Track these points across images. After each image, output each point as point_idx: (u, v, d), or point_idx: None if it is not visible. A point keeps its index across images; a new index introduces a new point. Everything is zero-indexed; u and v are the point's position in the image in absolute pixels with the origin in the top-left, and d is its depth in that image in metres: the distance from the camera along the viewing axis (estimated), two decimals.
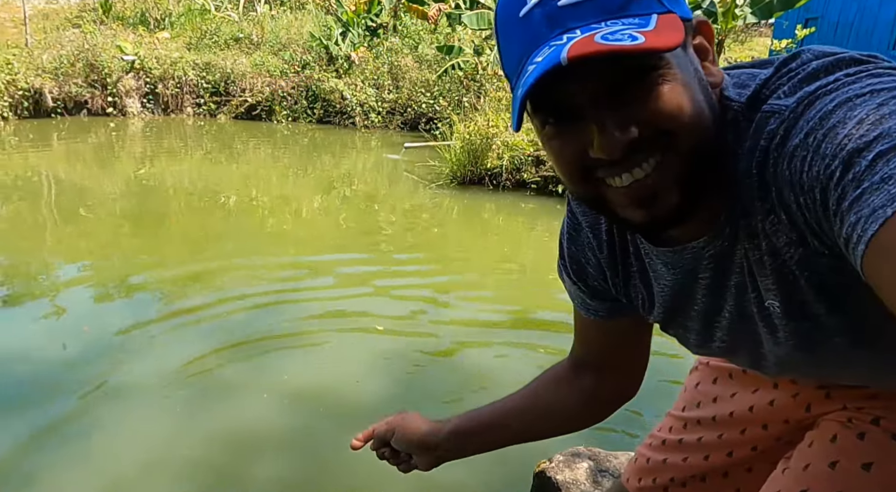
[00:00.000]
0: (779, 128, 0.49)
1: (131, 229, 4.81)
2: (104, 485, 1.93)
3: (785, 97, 0.50)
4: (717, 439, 0.94)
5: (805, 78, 0.50)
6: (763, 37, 16.85)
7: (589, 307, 0.79)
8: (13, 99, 8.47)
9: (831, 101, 0.46)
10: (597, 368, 0.86)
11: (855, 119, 0.44)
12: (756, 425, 0.91)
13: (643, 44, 0.44)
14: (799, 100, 0.48)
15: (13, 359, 2.66)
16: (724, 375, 0.96)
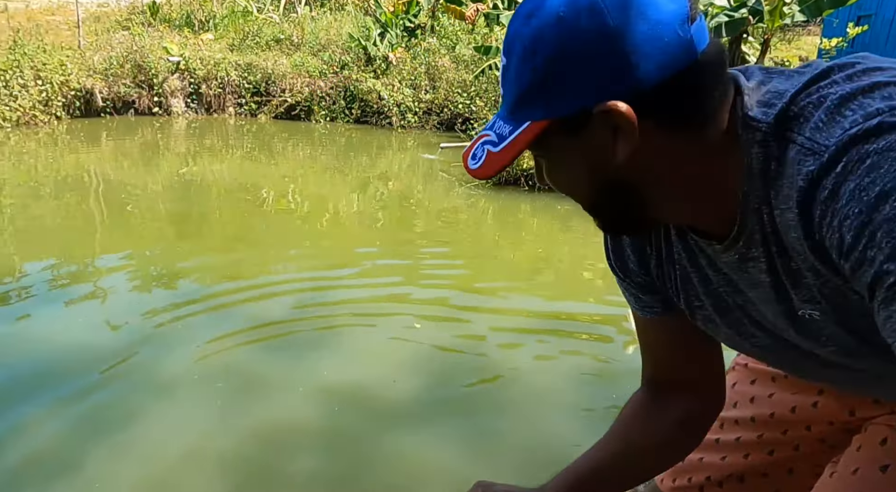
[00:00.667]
0: (822, 175, 0.50)
1: (174, 225, 4.95)
2: (142, 475, 1.99)
3: (820, 130, 0.51)
4: (756, 439, 0.93)
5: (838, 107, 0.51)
6: (812, 35, 16.30)
7: (644, 304, 0.78)
8: (66, 99, 8.81)
9: (884, 176, 0.46)
10: (672, 384, 0.82)
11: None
12: (799, 426, 0.89)
13: (473, 170, 0.60)
14: (838, 144, 0.49)
15: (57, 348, 2.76)
16: (765, 377, 0.94)
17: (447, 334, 3.03)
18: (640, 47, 0.52)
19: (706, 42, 0.55)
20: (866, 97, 0.50)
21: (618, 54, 0.52)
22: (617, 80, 0.53)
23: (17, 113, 8.12)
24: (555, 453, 2.16)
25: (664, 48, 0.52)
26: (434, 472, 2.04)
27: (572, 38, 0.53)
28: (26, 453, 2.07)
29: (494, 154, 0.58)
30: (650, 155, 0.56)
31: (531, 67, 0.55)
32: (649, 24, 0.52)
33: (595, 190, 0.61)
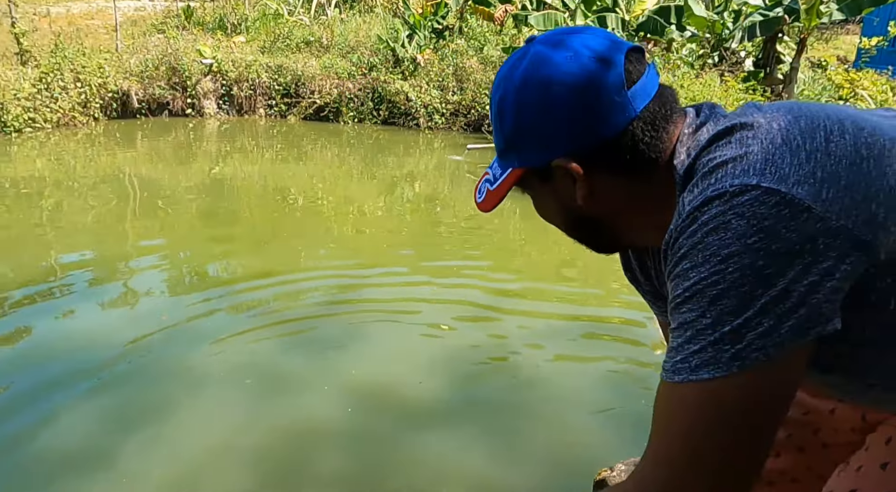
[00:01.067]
0: (680, 227, 0.60)
1: (205, 224, 5.05)
2: (173, 469, 2.03)
3: (690, 192, 0.60)
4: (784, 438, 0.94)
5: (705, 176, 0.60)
6: (851, 35, 15.84)
7: (661, 310, 0.86)
8: (104, 100, 9.05)
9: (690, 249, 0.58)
10: None
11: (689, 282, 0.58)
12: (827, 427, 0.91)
13: (478, 203, 0.75)
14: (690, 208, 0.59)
15: (93, 344, 2.84)
16: None
17: (473, 335, 3.02)
18: (583, 115, 0.64)
19: (648, 99, 0.65)
20: (731, 170, 0.57)
21: (564, 122, 0.64)
22: (566, 141, 0.65)
23: (58, 114, 8.37)
24: (580, 456, 2.14)
25: (603, 115, 0.63)
26: (457, 473, 2.04)
27: (526, 108, 0.66)
28: (58, 445, 2.13)
29: (491, 192, 0.73)
30: (606, 196, 0.68)
31: (501, 128, 0.70)
32: (589, 96, 0.63)
33: (568, 222, 0.74)
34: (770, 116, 0.61)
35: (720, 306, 0.54)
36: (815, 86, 10.48)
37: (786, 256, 0.53)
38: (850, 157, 0.56)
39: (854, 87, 8.26)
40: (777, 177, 0.55)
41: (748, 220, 0.54)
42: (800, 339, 0.54)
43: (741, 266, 0.54)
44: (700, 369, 0.55)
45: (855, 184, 0.55)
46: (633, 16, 9.67)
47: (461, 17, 11.22)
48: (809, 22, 8.86)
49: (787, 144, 0.57)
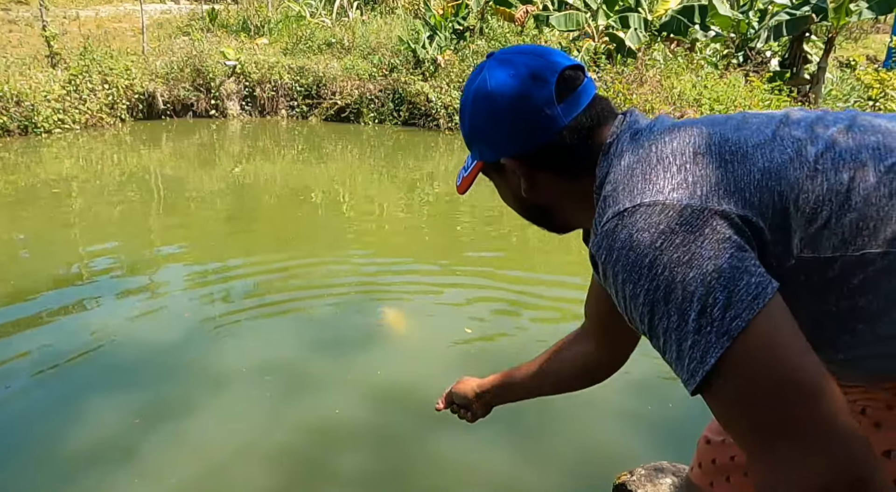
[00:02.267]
0: (593, 255, 0.71)
1: (228, 223, 5.11)
2: (198, 466, 2.06)
3: (600, 215, 0.72)
4: None
5: (605, 199, 0.71)
6: (881, 34, 15.50)
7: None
8: (130, 102, 9.22)
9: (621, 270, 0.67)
10: (593, 336, 1.08)
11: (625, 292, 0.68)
12: None
13: (457, 186, 0.90)
14: (599, 235, 0.70)
15: (118, 341, 2.89)
16: None
17: (495, 335, 3.02)
18: (520, 124, 0.77)
19: (578, 110, 0.77)
20: (621, 194, 0.69)
21: (505, 128, 0.78)
22: (509, 144, 0.79)
23: (86, 115, 8.55)
24: (600, 459, 2.12)
25: (536, 124, 0.76)
26: (480, 475, 2.04)
27: (475, 116, 0.81)
28: (81, 440, 2.18)
29: (464, 177, 0.87)
30: (546, 189, 0.81)
31: (462, 129, 0.85)
32: (524, 108, 0.76)
33: (521, 208, 0.87)
34: (655, 138, 0.73)
35: (673, 303, 0.62)
36: (843, 86, 10.26)
37: (692, 243, 0.62)
38: (716, 162, 0.68)
39: (884, 88, 8.07)
40: (655, 191, 0.66)
41: (647, 231, 0.64)
42: (759, 291, 0.60)
43: (663, 265, 0.63)
44: (705, 358, 0.61)
45: (723, 180, 0.66)
46: (655, 15, 9.57)
47: (482, 18, 11.21)
48: (838, 21, 8.69)
49: (659, 163, 0.69)
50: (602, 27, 9.47)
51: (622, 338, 1.04)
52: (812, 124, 0.72)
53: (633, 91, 8.10)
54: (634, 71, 8.55)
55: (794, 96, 8.80)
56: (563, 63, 0.78)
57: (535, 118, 0.76)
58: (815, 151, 0.68)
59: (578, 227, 0.89)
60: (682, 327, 0.62)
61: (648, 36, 9.19)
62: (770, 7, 10.14)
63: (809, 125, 0.72)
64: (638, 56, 8.86)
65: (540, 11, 10.22)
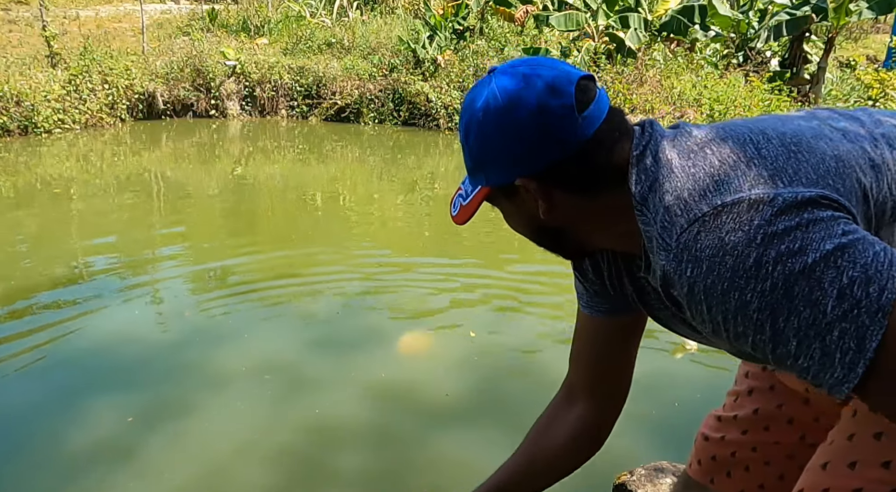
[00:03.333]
0: (671, 272, 0.64)
1: (228, 223, 5.11)
2: (198, 466, 2.06)
3: (666, 229, 0.64)
4: (775, 409, 0.98)
5: (671, 208, 0.64)
6: (881, 34, 15.50)
7: (593, 305, 0.92)
8: (130, 102, 9.22)
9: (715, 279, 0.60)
10: (586, 388, 0.97)
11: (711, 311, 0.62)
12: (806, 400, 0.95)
13: (453, 216, 0.80)
14: (677, 247, 0.63)
15: (118, 341, 2.89)
16: None
17: (497, 335, 3.02)
18: (539, 140, 0.69)
19: (598, 122, 0.70)
20: (689, 199, 0.63)
21: (522, 146, 0.70)
22: (526, 163, 0.71)
23: (86, 115, 8.55)
24: (599, 459, 2.11)
25: (557, 139, 0.69)
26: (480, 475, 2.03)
27: (487, 134, 0.72)
28: (83, 440, 2.18)
29: (463, 207, 0.78)
30: (566, 211, 0.74)
31: (468, 151, 0.76)
32: (543, 123, 0.69)
33: (535, 233, 0.80)
34: (701, 141, 0.68)
35: (800, 297, 0.56)
36: (843, 86, 10.26)
37: (796, 230, 0.57)
38: (784, 154, 0.63)
39: (884, 88, 8.07)
40: (732, 190, 0.61)
41: (740, 230, 0.58)
42: (892, 257, 0.56)
43: (772, 260, 0.56)
44: (863, 344, 0.54)
45: (801, 170, 0.62)
46: (655, 15, 9.57)
47: (482, 18, 11.21)
48: (838, 21, 8.69)
49: (724, 163, 0.64)
50: (602, 27, 9.47)
51: (621, 378, 0.97)
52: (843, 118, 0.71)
53: (633, 91, 8.10)
54: (634, 71, 8.55)
55: (794, 96, 8.80)
56: (578, 73, 0.72)
57: (557, 131, 0.69)
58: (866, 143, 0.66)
59: (594, 249, 0.83)
60: (819, 320, 0.55)
61: (648, 36, 9.19)
62: (770, 7, 10.14)
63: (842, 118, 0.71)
64: (638, 56, 8.87)
65: (540, 11, 10.22)
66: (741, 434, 1.02)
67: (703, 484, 1.07)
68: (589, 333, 0.95)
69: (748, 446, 1.01)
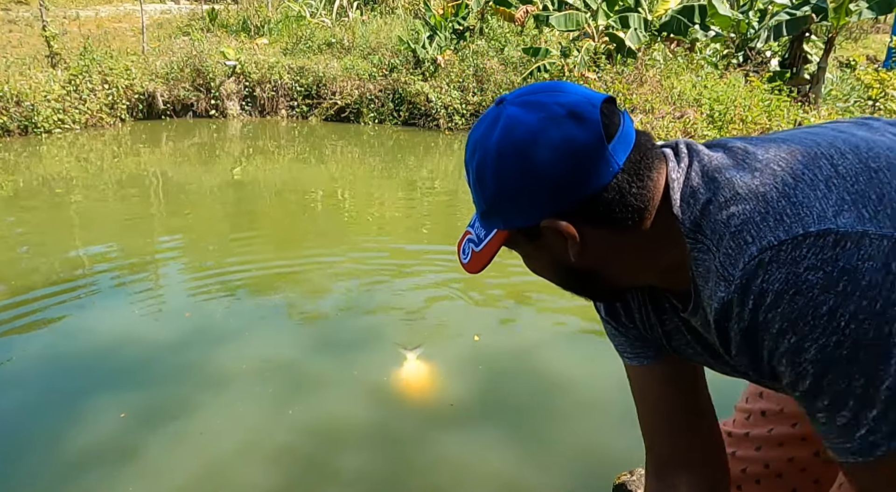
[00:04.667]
0: (731, 305, 0.58)
1: (228, 223, 5.11)
2: (198, 466, 2.06)
3: (730, 257, 0.58)
4: (790, 428, 0.95)
5: (740, 233, 0.58)
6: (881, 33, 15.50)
7: (637, 351, 0.83)
8: (130, 102, 9.22)
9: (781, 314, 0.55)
10: (682, 458, 0.83)
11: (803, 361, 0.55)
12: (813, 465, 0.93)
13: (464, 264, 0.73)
14: (742, 278, 0.57)
15: (118, 341, 2.89)
16: None
17: (498, 337, 3.02)
18: (567, 176, 0.62)
19: (629, 149, 0.63)
20: (762, 224, 0.56)
21: (548, 184, 0.62)
22: (552, 202, 0.63)
23: (86, 115, 8.55)
24: (600, 459, 2.12)
25: (586, 172, 0.62)
26: (480, 475, 2.04)
27: (507, 173, 0.64)
28: (85, 440, 2.18)
29: (476, 253, 0.71)
30: (598, 249, 0.66)
31: (482, 192, 0.67)
32: (570, 156, 0.61)
33: (562, 278, 0.72)
34: (763, 156, 0.60)
35: (860, 365, 0.51)
36: (843, 86, 10.27)
37: (881, 284, 0.51)
38: (864, 172, 0.56)
39: (884, 88, 8.07)
40: (816, 217, 0.54)
41: (822, 269, 0.52)
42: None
43: (851, 314, 0.51)
44: (894, 435, 0.52)
45: (885, 195, 0.55)
46: (655, 15, 9.57)
47: (482, 18, 11.21)
48: (838, 21, 8.69)
49: (800, 181, 0.56)
50: (602, 27, 9.47)
51: (712, 429, 0.84)
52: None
53: (633, 91, 8.10)
54: (634, 71, 8.55)
55: (794, 96, 8.80)
56: (599, 96, 0.65)
57: (585, 166, 0.61)
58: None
59: (630, 288, 0.76)
60: (868, 394, 0.52)
61: (648, 36, 9.19)
62: (770, 7, 10.15)
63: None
64: (638, 56, 8.87)
65: (540, 11, 10.22)
66: (755, 451, 0.99)
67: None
68: (653, 388, 0.83)
69: (761, 463, 0.99)
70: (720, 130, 7.28)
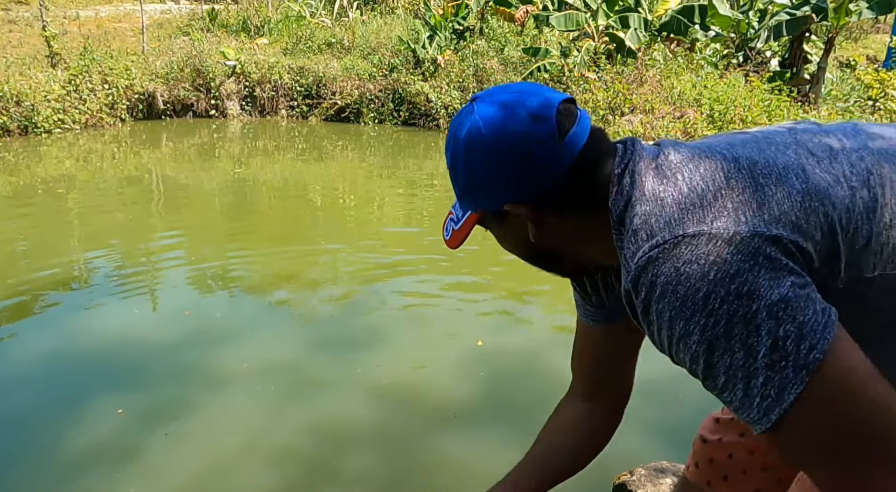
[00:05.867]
0: (629, 292, 0.67)
1: (228, 223, 5.11)
2: (198, 466, 2.06)
3: (631, 251, 0.67)
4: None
5: (637, 232, 0.67)
6: (881, 33, 15.51)
7: (591, 315, 0.94)
8: (130, 102, 9.22)
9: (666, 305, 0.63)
10: (588, 392, 1.00)
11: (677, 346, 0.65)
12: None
13: (446, 240, 0.82)
14: (635, 271, 0.66)
15: (120, 340, 2.89)
16: None
17: (500, 337, 3.02)
18: (525, 168, 0.72)
19: (582, 142, 0.73)
20: (655, 225, 0.65)
21: (509, 174, 0.73)
22: (513, 190, 0.74)
23: (86, 115, 8.55)
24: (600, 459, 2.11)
25: (543, 165, 0.72)
26: (481, 474, 2.04)
27: (472, 164, 0.74)
28: (85, 440, 2.18)
29: (455, 232, 0.81)
30: (556, 231, 0.76)
31: (455, 179, 0.78)
32: (528, 151, 0.71)
33: (529, 255, 0.82)
34: (676, 164, 0.69)
35: (737, 339, 0.59)
36: (843, 86, 10.26)
37: (748, 273, 0.59)
38: (752, 186, 0.65)
39: (884, 88, 8.07)
40: (696, 221, 0.63)
41: (696, 263, 0.61)
42: (827, 319, 0.59)
43: (720, 298, 0.59)
44: (782, 394, 0.58)
45: (765, 204, 0.63)
46: (655, 15, 9.58)
47: (482, 18, 11.21)
48: (838, 21, 8.69)
49: (693, 191, 0.66)
50: (602, 27, 9.47)
51: (622, 382, 0.99)
52: (824, 139, 0.71)
53: (633, 91, 8.09)
54: (634, 71, 8.55)
55: (794, 96, 8.80)
56: (558, 97, 0.74)
57: (541, 159, 0.72)
58: (843, 168, 0.67)
59: (589, 267, 0.86)
60: (749, 365, 0.59)
61: (648, 36, 9.19)
62: (770, 7, 10.15)
63: (822, 140, 0.71)
64: (638, 56, 8.87)
65: (540, 11, 10.22)
66: (739, 436, 1.02)
67: (700, 487, 1.07)
68: (588, 341, 0.98)
69: (745, 449, 1.01)
70: (720, 131, 7.28)
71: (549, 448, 1.03)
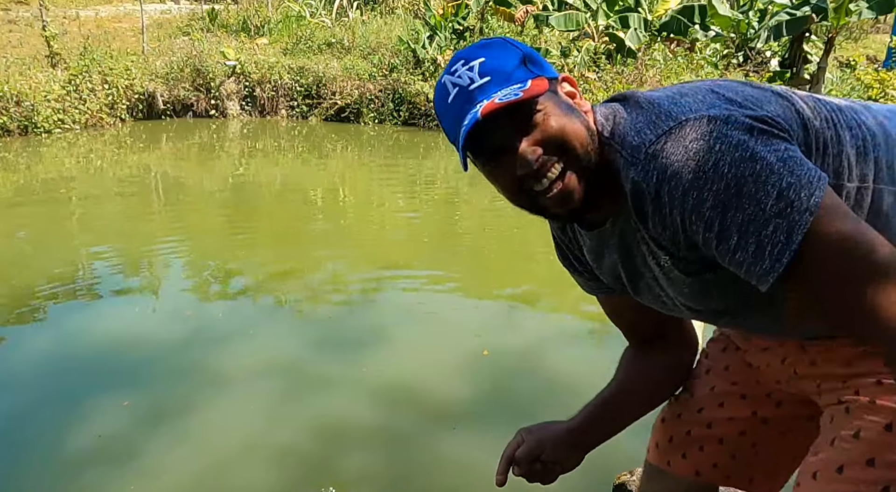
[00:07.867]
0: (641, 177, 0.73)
1: (228, 223, 5.11)
2: (200, 465, 2.06)
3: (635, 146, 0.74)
4: (730, 386, 1.01)
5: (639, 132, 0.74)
6: (881, 33, 15.50)
7: (593, 287, 0.99)
8: (130, 102, 9.22)
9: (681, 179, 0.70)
10: (650, 339, 1.03)
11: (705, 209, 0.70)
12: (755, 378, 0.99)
13: (521, 97, 0.73)
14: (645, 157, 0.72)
15: (120, 340, 2.89)
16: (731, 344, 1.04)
17: (499, 336, 3.02)
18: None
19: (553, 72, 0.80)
20: (657, 120, 0.73)
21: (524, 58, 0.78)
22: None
23: (86, 115, 8.55)
24: (600, 459, 2.11)
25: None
26: (481, 474, 2.03)
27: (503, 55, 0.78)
28: (86, 439, 2.18)
29: (534, 82, 0.75)
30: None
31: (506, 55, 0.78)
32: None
33: (588, 134, 0.79)
34: (658, 91, 0.79)
35: (746, 196, 0.67)
36: (843, 86, 10.27)
37: (748, 142, 0.68)
38: (734, 88, 0.76)
39: (884, 88, 8.08)
40: (694, 110, 0.72)
41: (701, 139, 0.69)
42: (819, 173, 0.68)
43: (728, 164, 0.67)
44: (791, 236, 0.66)
45: (749, 99, 0.73)
46: (655, 15, 9.58)
47: (482, 18, 11.21)
48: (838, 21, 8.69)
49: (685, 95, 0.75)
50: (602, 27, 9.48)
51: (676, 331, 1.03)
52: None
53: None
54: (634, 71, 8.56)
55: None
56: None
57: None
58: (807, 97, 0.80)
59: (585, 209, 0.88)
60: (759, 216, 0.66)
61: (648, 36, 9.19)
62: (770, 7, 10.15)
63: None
64: (638, 56, 8.87)
65: (540, 11, 10.22)
66: (697, 413, 1.03)
67: (661, 468, 1.07)
68: (616, 308, 1.02)
69: (703, 424, 1.02)
70: None
71: (632, 382, 1.06)
